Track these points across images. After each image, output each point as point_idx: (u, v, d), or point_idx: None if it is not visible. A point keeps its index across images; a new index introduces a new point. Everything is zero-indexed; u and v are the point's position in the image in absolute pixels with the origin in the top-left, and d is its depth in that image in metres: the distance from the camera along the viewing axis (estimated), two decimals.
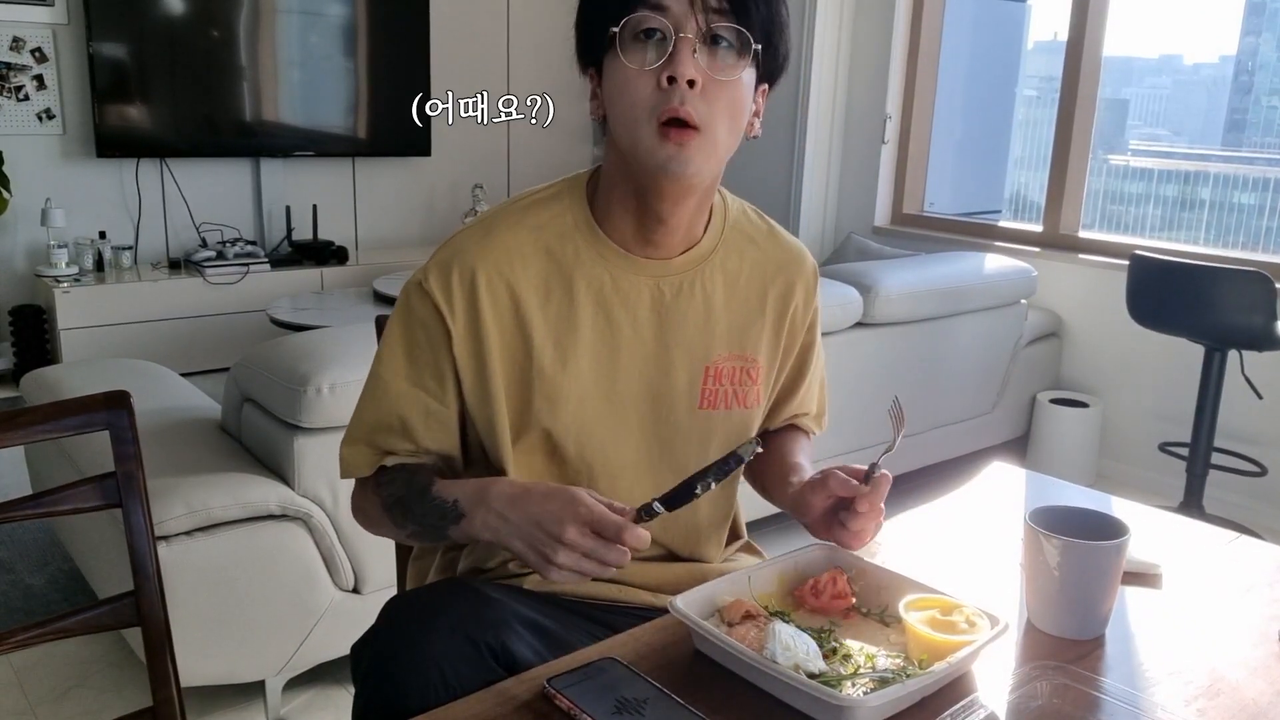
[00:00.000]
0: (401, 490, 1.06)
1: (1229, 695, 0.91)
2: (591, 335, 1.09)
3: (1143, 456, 3.58)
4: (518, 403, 1.08)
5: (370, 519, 1.14)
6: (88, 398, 1.07)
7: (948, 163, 4.83)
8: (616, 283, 1.09)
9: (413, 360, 1.08)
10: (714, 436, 1.15)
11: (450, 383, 1.08)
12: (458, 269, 1.06)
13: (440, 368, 1.08)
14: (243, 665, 1.95)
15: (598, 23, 1.02)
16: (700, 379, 1.13)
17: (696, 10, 0.98)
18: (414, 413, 1.08)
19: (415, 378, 1.08)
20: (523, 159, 5.46)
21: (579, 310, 1.08)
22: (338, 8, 4.75)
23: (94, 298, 4.11)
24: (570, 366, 1.08)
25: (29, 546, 2.75)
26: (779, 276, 1.18)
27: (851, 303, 2.87)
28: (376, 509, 1.09)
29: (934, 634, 0.89)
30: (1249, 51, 4.69)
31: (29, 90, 4.15)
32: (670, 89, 0.98)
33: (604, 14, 1.01)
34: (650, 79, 0.99)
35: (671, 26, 0.98)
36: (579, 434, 1.09)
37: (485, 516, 0.97)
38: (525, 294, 1.07)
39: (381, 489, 1.08)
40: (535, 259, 1.08)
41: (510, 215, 1.10)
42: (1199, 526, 1.30)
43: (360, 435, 1.11)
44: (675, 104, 0.98)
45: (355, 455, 1.11)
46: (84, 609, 1.07)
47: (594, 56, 1.05)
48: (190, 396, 2.42)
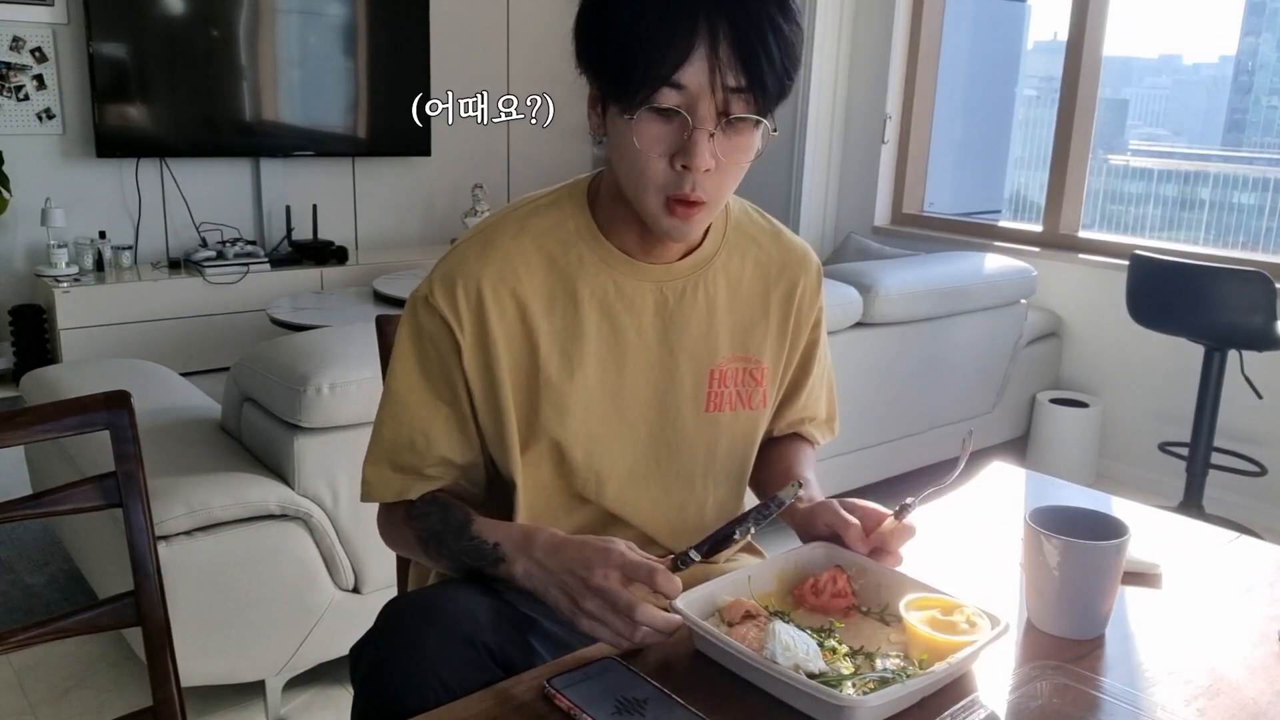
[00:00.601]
0: (437, 525, 1.05)
1: (1229, 695, 0.91)
2: (597, 342, 1.08)
3: (1142, 456, 3.58)
4: (526, 412, 1.08)
5: (400, 545, 1.14)
6: (88, 397, 1.07)
7: (947, 163, 4.83)
8: (620, 288, 1.09)
9: (426, 374, 1.08)
10: (720, 440, 1.15)
11: (464, 393, 1.08)
12: (462, 281, 1.05)
13: (453, 379, 1.07)
14: (243, 665, 1.95)
15: (608, 76, 0.98)
16: (705, 382, 1.13)
17: (715, 89, 0.93)
18: (434, 424, 1.08)
19: (432, 389, 1.08)
20: (523, 159, 5.46)
21: (584, 317, 1.08)
22: (338, 7, 4.75)
23: (94, 297, 4.11)
24: (577, 374, 1.08)
25: (29, 546, 2.75)
26: (783, 277, 1.18)
27: (851, 303, 2.87)
28: (409, 539, 1.09)
29: (934, 634, 0.89)
30: (1249, 51, 4.70)
31: (29, 90, 4.15)
32: (683, 173, 0.97)
33: (617, 74, 0.96)
34: (663, 159, 0.97)
35: (688, 114, 0.94)
36: (586, 441, 1.09)
37: (528, 565, 0.96)
38: (531, 303, 1.06)
39: (414, 522, 1.07)
40: (539, 268, 1.07)
41: (511, 224, 1.09)
42: (1199, 526, 1.30)
43: (383, 455, 1.10)
44: (686, 190, 0.98)
45: (379, 477, 1.10)
46: (84, 609, 1.07)
47: (600, 89, 1.01)
48: (190, 396, 2.42)
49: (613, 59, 0.96)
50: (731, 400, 1.15)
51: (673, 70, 0.93)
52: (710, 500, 1.17)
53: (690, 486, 1.15)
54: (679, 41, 0.92)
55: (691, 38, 0.92)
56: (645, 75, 0.93)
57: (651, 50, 0.92)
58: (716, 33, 0.92)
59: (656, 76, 0.93)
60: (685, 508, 1.15)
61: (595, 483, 1.11)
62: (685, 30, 0.92)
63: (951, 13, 4.38)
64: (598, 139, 1.04)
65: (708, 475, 1.16)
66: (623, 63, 0.94)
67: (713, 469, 1.16)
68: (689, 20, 0.92)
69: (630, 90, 0.95)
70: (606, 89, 0.99)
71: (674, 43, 0.92)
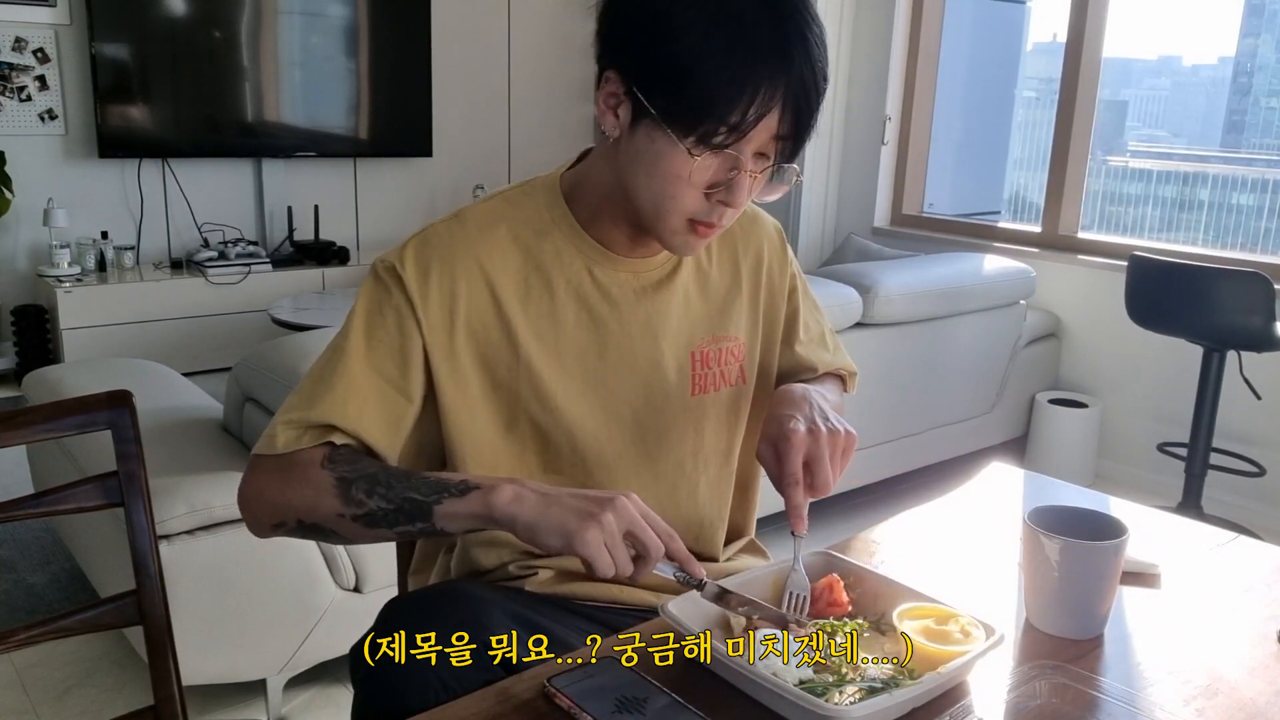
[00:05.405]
0: (371, 468, 0.98)
1: (1227, 695, 0.91)
2: (576, 330, 1.09)
3: (1141, 457, 3.58)
4: (507, 397, 1.08)
5: (295, 494, 1.00)
6: (90, 397, 1.07)
7: (947, 164, 4.84)
8: (596, 279, 1.09)
9: (373, 340, 1.03)
10: (706, 420, 1.16)
11: (416, 372, 1.04)
12: (437, 260, 1.04)
13: (402, 356, 1.03)
14: (244, 664, 1.96)
15: (677, 108, 0.94)
16: (689, 365, 1.14)
17: (769, 135, 0.95)
18: (367, 393, 1.02)
19: (374, 360, 1.03)
20: (523, 159, 5.46)
21: (560, 306, 1.08)
22: (339, 8, 4.75)
23: (96, 298, 4.11)
24: (557, 362, 1.08)
25: (31, 545, 2.75)
26: (748, 248, 1.20)
27: (851, 303, 2.87)
28: (322, 482, 0.98)
29: (927, 643, 0.89)
30: (1248, 53, 4.70)
31: (31, 91, 4.16)
32: (718, 208, 0.99)
33: (689, 112, 0.94)
34: (699, 189, 0.98)
35: (738, 153, 0.95)
36: (571, 428, 1.09)
37: (518, 490, 0.91)
38: (504, 290, 1.06)
39: (338, 465, 0.99)
40: (513, 255, 1.07)
41: (484, 213, 1.09)
42: (1197, 527, 1.30)
43: (302, 403, 1.03)
44: (715, 220, 1.00)
45: (290, 431, 1.02)
46: (86, 608, 1.08)
47: (652, 105, 0.96)
48: (192, 396, 2.42)
49: (690, 97, 0.93)
50: (715, 380, 1.16)
51: (754, 124, 0.93)
52: (702, 482, 1.17)
53: (681, 471, 1.15)
54: (764, 97, 0.92)
55: (773, 98, 0.93)
56: (721, 121, 0.93)
57: (735, 100, 0.92)
58: (789, 92, 0.93)
59: (732, 125, 0.93)
60: (677, 491, 1.16)
61: (583, 469, 1.11)
62: (769, 89, 0.92)
63: (951, 14, 4.38)
64: (611, 138, 1.02)
65: (697, 456, 1.16)
66: (701, 104, 0.93)
67: (701, 449, 1.16)
68: (771, 78, 0.92)
69: (696, 126, 0.94)
70: (665, 112, 0.95)
71: (759, 98, 0.92)
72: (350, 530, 0.98)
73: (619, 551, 0.88)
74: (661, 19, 0.94)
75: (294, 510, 1.01)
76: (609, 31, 1.00)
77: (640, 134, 0.98)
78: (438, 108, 5.03)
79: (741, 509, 1.26)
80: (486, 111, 5.34)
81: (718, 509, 1.20)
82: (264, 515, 1.04)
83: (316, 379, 1.04)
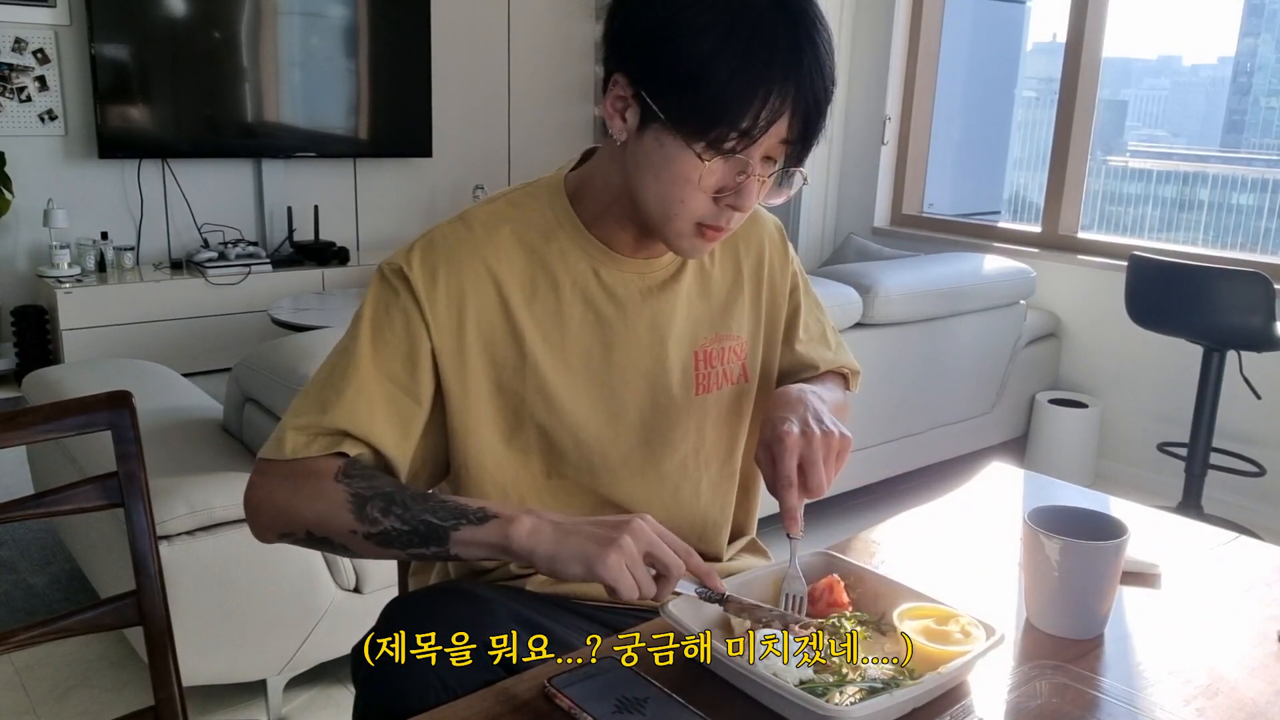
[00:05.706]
0: (388, 486, 0.97)
1: (1227, 695, 0.91)
2: (582, 331, 1.09)
3: (1141, 457, 3.58)
4: (512, 399, 1.07)
5: (307, 507, 0.98)
6: (90, 397, 1.07)
7: (947, 164, 4.84)
8: (602, 280, 1.09)
9: (380, 343, 1.03)
10: (709, 419, 1.16)
11: (425, 375, 1.04)
12: (444, 262, 1.04)
13: (415, 356, 1.03)
14: (244, 664, 1.96)
15: (688, 114, 0.94)
16: (693, 365, 1.14)
17: (777, 140, 0.96)
18: (376, 397, 1.02)
19: (382, 363, 1.02)
20: (523, 159, 5.46)
21: (566, 306, 1.08)
22: (339, 9, 4.75)
23: (96, 298, 4.11)
24: (562, 364, 1.08)
25: (31, 546, 2.75)
26: (749, 247, 1.20)
27: (851, 303, 2.87)
28: (336, 496, 0.96)
29: (927, 644, 0.89)
30: (1248, 53, 4.70)
31: (31, 91, 4.16)
32: (725, 211, 0.99)
33: (700, 118, 0.94)
34: (708, 193, 0.98)
35: (748, 158, 0.96)
36: (576, 430, 1.09)
37: (536, 522, 0.91)
38: (511, 292, 1.06)
39: (352, 480, 0.97)
40: (518, 256, 1.07)
41: (489, 214, 1.09)
42: (1197, 526, 1.30)
43: (310, 407, 1.02)
44: (723, 223, 1.00)
45: (299, 436, 1.00)
46: (86, 608, 1.08)
47: (660, 109, 0.95)
48: (192, 396, 2.42)
49: (701, 102, 0.93)
50: (718, 379, 1.16)
51: (764, 129, 0.94)
52: (704, 481, 1.17)
53: (684, 470, 1.15)
54: (774, 103, 0.93)
55: (784, 104, 0.93)
56: (732, 126, 0.93)
57: (746, 105, 0.92)
58: (799, 97, 0.94)
59: (743, 131, 0.94)
60: (681, 491, 1.16)
61: (588, 471, 1.11)
62: (780, 95, 0.93)
63: (951, 14, 4.38)
64: (618, 142, 1.01)
65: (699, 455, 1.16)
66: (712, 110, 0.93)
67: (703, 448, 1.16)
68: (782, 84, 0.93)
69: (706, 131, 0.94)
70: (675, 117, 0.95)
71: (770, 103, 0.93)
72: (361, 547, 0.97)
73: (640, 573, 0.88)
74: (672, 24, 0.94)
75: (304, 522, 0.99)
76: (618, 35, 1.00)
77: (648, 138, 0.98)
78: (438, 108, 5.03)
79: (743, 508, 1.26)
80: (486, 112, 5.35)
81: (720, 508, 1.20)
82: (271, 523, 1.02)
83: (324, 383, 1.03)
